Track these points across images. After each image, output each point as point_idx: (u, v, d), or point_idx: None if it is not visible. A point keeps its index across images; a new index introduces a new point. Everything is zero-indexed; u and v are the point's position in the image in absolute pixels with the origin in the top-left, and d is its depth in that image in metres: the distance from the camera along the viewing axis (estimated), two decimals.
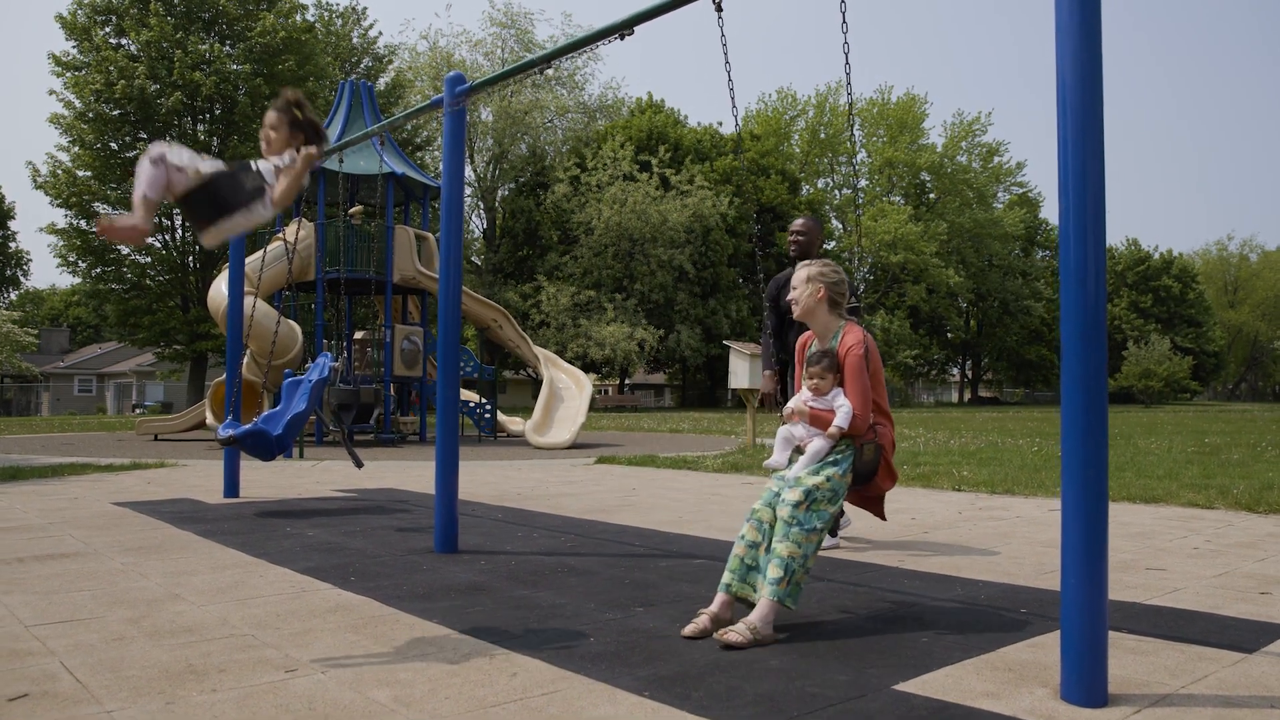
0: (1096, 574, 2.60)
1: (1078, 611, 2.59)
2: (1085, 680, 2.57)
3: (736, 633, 3.15)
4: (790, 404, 3.68)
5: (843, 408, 3.55)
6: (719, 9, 3.78)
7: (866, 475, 3.64)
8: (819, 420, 3.57)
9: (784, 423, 3.70)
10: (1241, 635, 3.30)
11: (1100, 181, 2.64)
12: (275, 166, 3.33)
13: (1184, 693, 2.66)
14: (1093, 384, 2.62)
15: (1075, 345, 2.63)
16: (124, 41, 32.21)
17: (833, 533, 5.39)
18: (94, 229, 31.27)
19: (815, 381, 3.62)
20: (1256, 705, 2.56)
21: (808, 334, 3.88)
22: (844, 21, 3.47)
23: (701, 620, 3.31)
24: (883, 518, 4.04)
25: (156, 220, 32.49)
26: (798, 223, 5.63)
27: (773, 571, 3.30)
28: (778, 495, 3.49)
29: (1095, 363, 2.62)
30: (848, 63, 3.46)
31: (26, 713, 2.51)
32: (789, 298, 3.84)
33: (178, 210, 3.37)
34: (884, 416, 3.71)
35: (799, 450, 3.63)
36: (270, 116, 3.39)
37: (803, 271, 3.79)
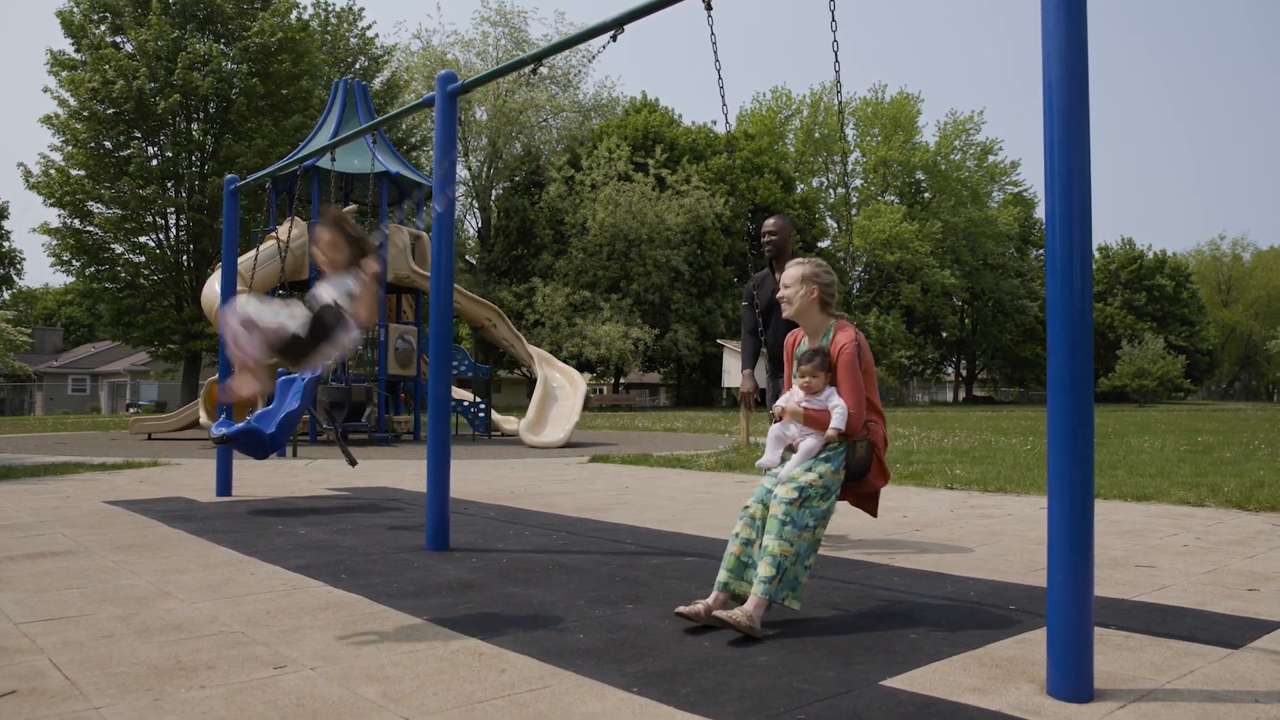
0: (1082, 570, 2.61)
1: (1064, 608, 2.61)
2: (1071, 675, 2.58)
3: (735, 616, 3.16)
4: (780, 402, 3.64)
5: (838, 409, 3.51)
6: (709, 7, 3.78)
7: (859, 472, 3.60)
8: (813, 421, 3.53)
9: (774, 421, 3.67)
10: (1228, 631, 3.32)
11: (1086, 181, 2.65)
12: (349, 293, 3.45)
13: (1169, 688, 2.68)
14: (1079, 382, 2.64)
15: (1061, 344, 2.65)
16: (120, 40, 32.15)
17: None
18: (89, 226, 31.24)
19: (806, 380, 3.58)
20: (1240, 700, 2.57)
21: (797, 331, 3.84)
22: (833, 20, 3.47)
23: (698, 606, 3.33)
24: (874, 514, 3.98)
25: (150, 219, 32.49)
26: (769, 222, 5.67)
27: (764, 569, 3.28)
28: (770, 492, 3.46)
29: (1081, 361, 2.64)
30: (837, 60, 3.47)
31: (14, 710, 2.51)
32: (779, 295, 3.79)
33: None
34: (876, 413, 3.68)
35: (790, 449, 3.60)
36: (325, 236, 3.48)
37: (796, 270, 3.72)
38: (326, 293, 3.41)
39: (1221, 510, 6.75)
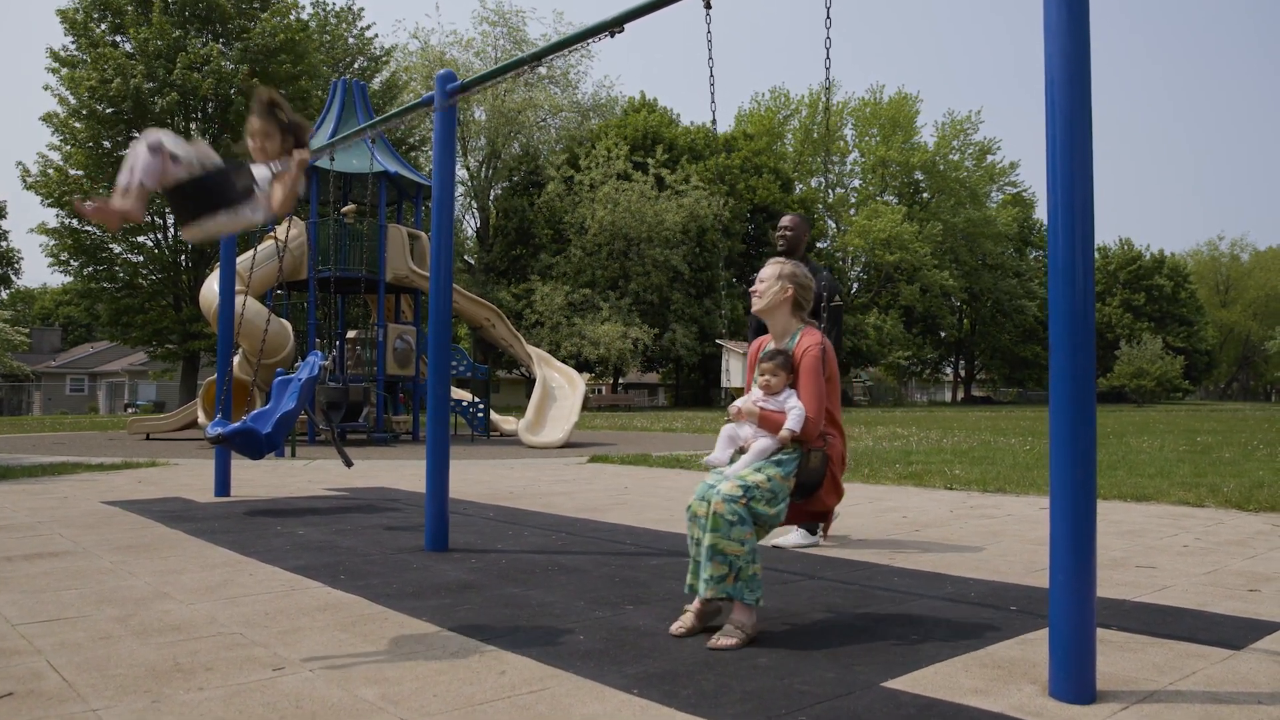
0: (1085, 571, 2.60)
1: (1066, 609, 2.60)
2: (1073, 677, 2.57)
3: (728, 636, 3.14)
4: (738, 402, 3.49)
5: (795, 409, 3.35)
6: (708, 6, 3.77)
7: (810, 486, 3.42)
8: (768, 421, 3.37)
9: (729, 420, 3.52)
10: (1230, 632, 3.31)
11: (1088, 181, 2.64)
12: (271, 172, 3.25)
13: (1171, 689, 2.67)
14: (1081, 382, 2.63)
15: (1064, 344, 2.64)
16: (119, 39, 32.12)
17: (811, 530, 5.40)
18: (86, 226, 31.21)
19: (766, 379, 3.43)
20: (1243, 702, 2.56)
21: (764, 337, 3.70)
22: (828, 17, 3.46)
23: (687, 619, 3.30)
24: (825, 534, 3.72)
25: (149, 220, 32.45)
26: (786, 219, 5.75)
27: (715, 569, 3.18)
28: (712, 488, 3.32)
29: (1084, 361, 2.63)
30: (828, 57, 3.44)
31: (11, 711, 2.50)
32: (753, 289, 3.67)
33: (165, 202, 3.24)
34: (835, 428, 3.51)
35: (742, 451, 3.45)
36: (257, 124, 3.29)
37: (775, 267, 3.63)
38: (252, 166, 3.24)
39: (1221, 510, 6.74)
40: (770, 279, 3.61)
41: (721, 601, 3.28)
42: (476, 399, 18.63)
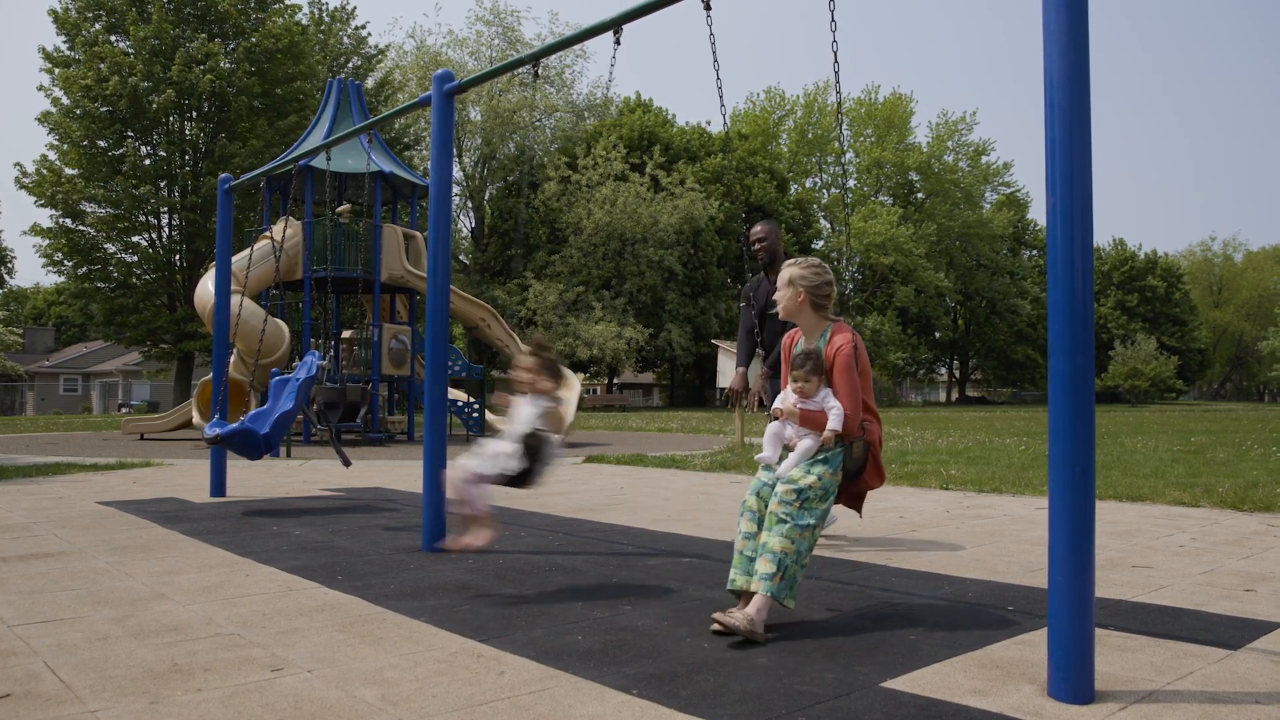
0: (1083, 572, 2.60)
1: (1064, 609, 2.60)
2: (1072, 677, 2.57)
3: (734, 618, 3.16)
4: (778, 402, 3.66)
5: (834, 409, 3.53)
6: (708, 7, 3.77)
7: (855, 472, 3.63)
8: (809, 421, 3.55)
9: (772, 419, 3.69)
10: (1226, 632, 3.32)
11: (1088, 182, 2.65)
12: (539, 413, 3.81)
13: (1169, 689, 2.67)
14: (1080, 382, 2.63)
15: (1063, 344, 2.64)
16: (114, 38, 32.02)
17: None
18: (81, 225, 31.11)
19: (800, 385, 3.60)
20: (1241, 701, 2.57)
21: (795, 331, 3.87)
22: (833, 20, 3.46)
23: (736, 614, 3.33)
24: (859, 514, 4.03)
25: (143, 219, 32.33)
26: (756, 230, 5.76)
27: (765, 566, 3.29)
28: (765, 485, 3.51)
29: (1083, 361, 2.63)
30: (836, 60, 3.45)
31: (9, 713, 2.49)
32: (775, 296, 3.83)
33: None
34: (871, 414, 3.71)
35: (788, 448, 3.62)
36: (530, 363, 3.88)
37: (785, 272, 3.78)
38: (526, 416, 3.80)
39: (1216, 510, 6.76)
40: (783, 285, 3.78)
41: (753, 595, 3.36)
42: (471, 399, 18.61)
